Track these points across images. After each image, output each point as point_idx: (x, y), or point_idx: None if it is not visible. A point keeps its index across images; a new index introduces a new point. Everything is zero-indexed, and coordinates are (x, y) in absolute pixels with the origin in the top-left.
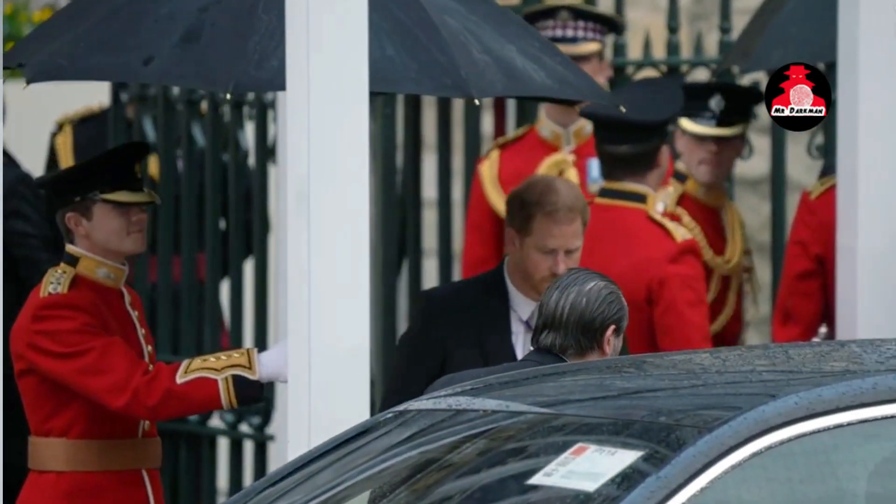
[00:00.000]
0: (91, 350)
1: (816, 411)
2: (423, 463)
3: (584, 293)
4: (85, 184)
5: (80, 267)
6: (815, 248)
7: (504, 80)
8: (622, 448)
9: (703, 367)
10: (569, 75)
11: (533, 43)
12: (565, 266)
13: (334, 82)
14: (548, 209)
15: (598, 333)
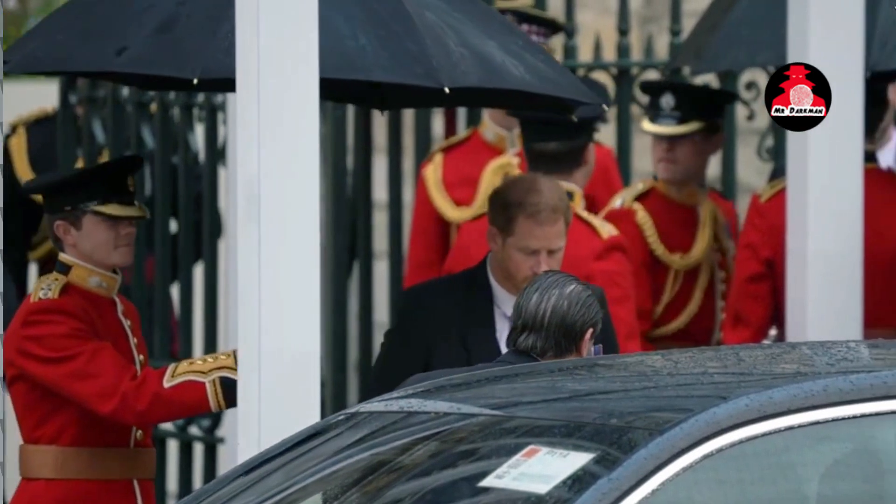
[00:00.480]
0: (80, 354)
1: (767, 413)
2: (374, 465)
3: (565, 296)
4: (77, 194)
5: (72, 275)
6: (764, 252)
7: (480, 72)
8: (574, 450)
9: (655, 369)
10: (550, 72)
11: (515, 41)
12: (547, 266)
13: (285, 85)
14: (530, 210)
15: (578, 336)
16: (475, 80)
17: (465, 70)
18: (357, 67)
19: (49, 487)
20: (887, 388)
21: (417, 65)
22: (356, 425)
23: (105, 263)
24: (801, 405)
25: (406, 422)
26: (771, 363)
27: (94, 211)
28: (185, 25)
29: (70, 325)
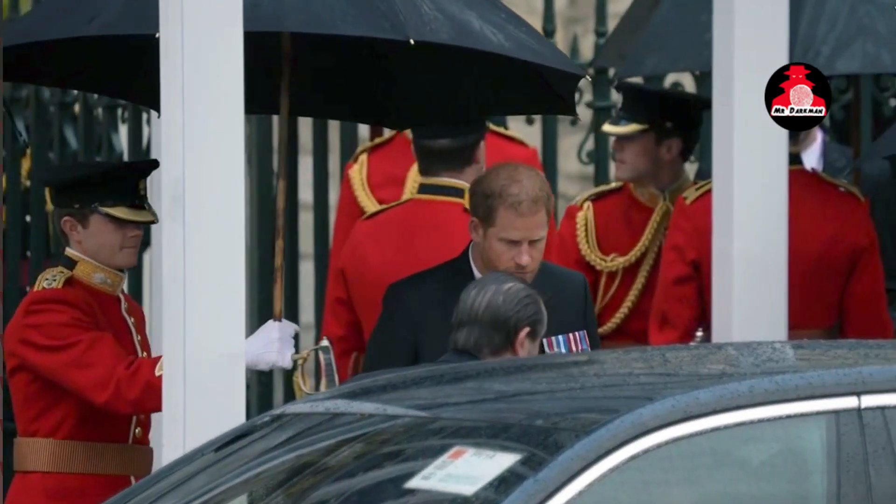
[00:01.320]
0: (79, 343)
1: (693, 414)
2: (299, 467)
3: (501, 291)
4: (88, 193)
5: (77, 270)
6: (690, 254)
7: (453, 33)
8: (500, 451)
9: (581, 370)
10: (531, 42)
11: (498, 14)
12: (529, 257)
13: (209, 86)
14: (510, 201)
15: (511, 333)
16: (445, 37)
17: (434, 28)
18: (323, 22)
19: (45, 480)
20: (812, 389)
21: (384, 19)
22: (282, 427)
23: (109, 264)
24: (726, 406)
25: (332, 423)
26: (697, 364)
27: (103, 212)
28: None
29: (71, 315)
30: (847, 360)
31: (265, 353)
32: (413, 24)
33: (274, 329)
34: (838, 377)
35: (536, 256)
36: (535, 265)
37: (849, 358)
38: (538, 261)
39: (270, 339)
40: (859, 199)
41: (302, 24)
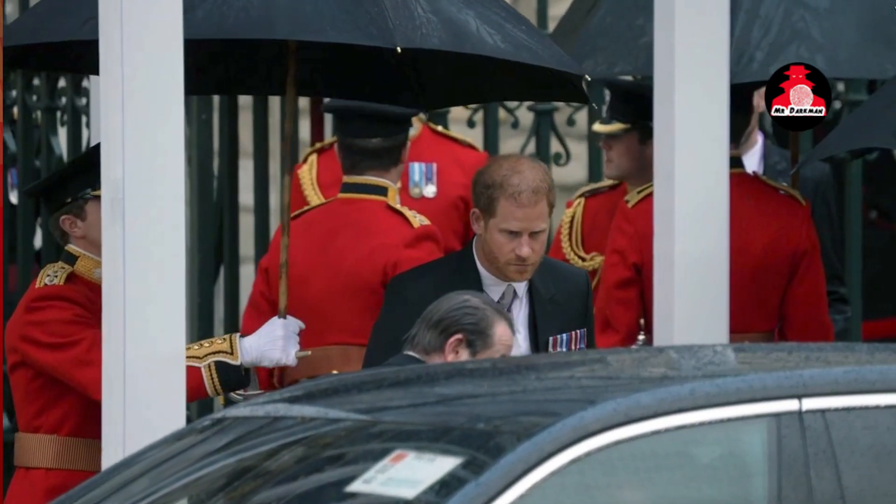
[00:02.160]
0: (82, 340)
1: (635, 417)
2: (240, 470)
3: (452, 297)
4: (74, 184)
5: (78, 265)
6: (632, 257)
7: (445, 36)
8: (441, 455)
9: (523, 373)
10: (531, 42)
11: (498, 11)
12: (529, 248)
13: (149, 87)
14: (510, 191)
15: (443, 336)
16: (436, 42)
17: (426, 33)
18: (312, 29)
19: (48, 477)
20: (753, 392)
21: (372, 25)
22: (222, 430)
23: None
24: (667, 409)
25: (272, 427)
26: (638, 367)
27: (96, 196)
28: None
29: (73, 311)
30: (788, 363)
31: (269, 350)
32: (402, 30)
33: (278, 326)
34: (779, 380)
35: (538, 249)
36: (536, 257)
37: (790, 361)
38: (540, 253)
39: (275, 337)
40: (800, 202)
41: (290, 32)
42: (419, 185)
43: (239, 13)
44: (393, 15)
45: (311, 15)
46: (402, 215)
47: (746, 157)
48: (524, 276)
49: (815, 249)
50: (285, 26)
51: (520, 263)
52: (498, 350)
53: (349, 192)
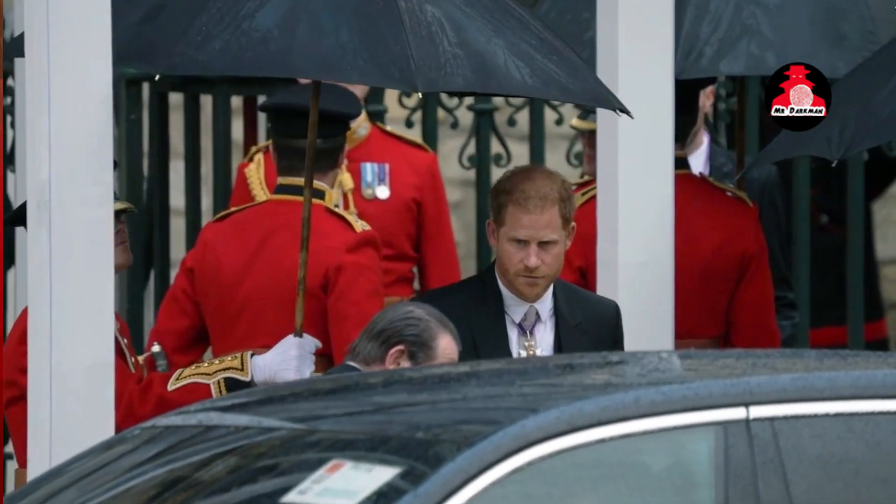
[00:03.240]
0: None
1: (578, 426)
2: (170, 481)
3: (396, 307)
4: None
5: None
6: (577, 261)
7: (471, 75)
8: (379, 465)
9: (464, 380)
10: (561, 75)
11: (528, 40)
12: (537, 259)
13: (75, 87)
14: (517, 197)
15: (384, 346)
16: (460, 83)
17: (450, 72)
18: (332, 68)
19: None
20: (699, 400)
21: (394, 66)
22: (152, 440)
23: None
24: (611, 417)
25: (204, 436)
26: (581, 374)
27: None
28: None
29: None
30: (735, 370)
31: (282, 370)
32: (425, 70)
33: (292, 345)
34: (726, 388)
35: (549, 261)
36: (547, 270)
37: (737, 368)
38: (552, 266)
39: (288, 356)
40: (748, 204)
41: (308, 71)
42: (372, 186)
43: (257, 46)
44: (416, 53)
45: (332, 50)
46: (343, 219)
47: (692, 157)
48: (534, 291)
49: (763, 253)
50: (305, 64)
51: (528, 275)
52: (441, 363)
53: (284, 193)
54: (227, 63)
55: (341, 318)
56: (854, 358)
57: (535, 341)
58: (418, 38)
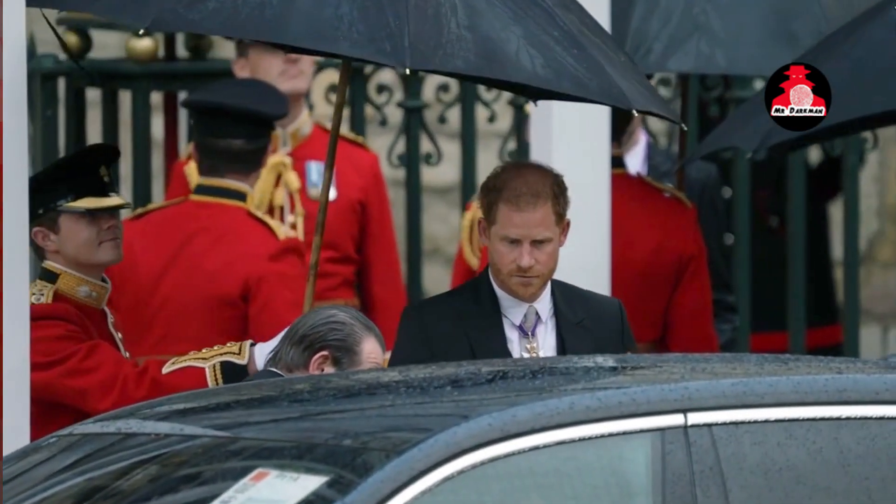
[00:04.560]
0: (74, 354)
1: (511, 433)
2: (88, 490)
3: (318, 311)
4: (46, 194)
5: (61, 284)
6: None
7: (473, 58)
8: (305, 473)
9: (391, 386)
10: (579, 69)
11: (550, 31)
12: (531, 258)
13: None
14: (507, 195)
15: (308, 352)
16: (460, 64)
17: (450, 52)
18: (325, 38)
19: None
20: (636, 406)
21: (388, 41)
22: (69, 448)
23: (91, 263)
24: (545, 424)
25: (124, 444)
26: (514, 379)
27: (68, 209)
28: None
29: (65, 328)
30: (672, 375)
31: None
32: (420, 48)
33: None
34: (663, 393)
35: (543, 260)
36: (542, 269)
37: (674, 373)
38: (547, 265)
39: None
40: (686, 205)
41: (301, 38)
42: (317, 186)
43: (253, 10)
44: (414, 29)
45: (329, 20)
46: (266, 225)
47: (629, 156)
48: (529, 291)
49: (702, 255)
50: (298, 31)
51: (522, 275)
52: (366, 367)
53: (205, 194)
54: (218, 24)
55: (262, 330)
56: (795, 362)
57: (538, 343)
58: (421, 16)
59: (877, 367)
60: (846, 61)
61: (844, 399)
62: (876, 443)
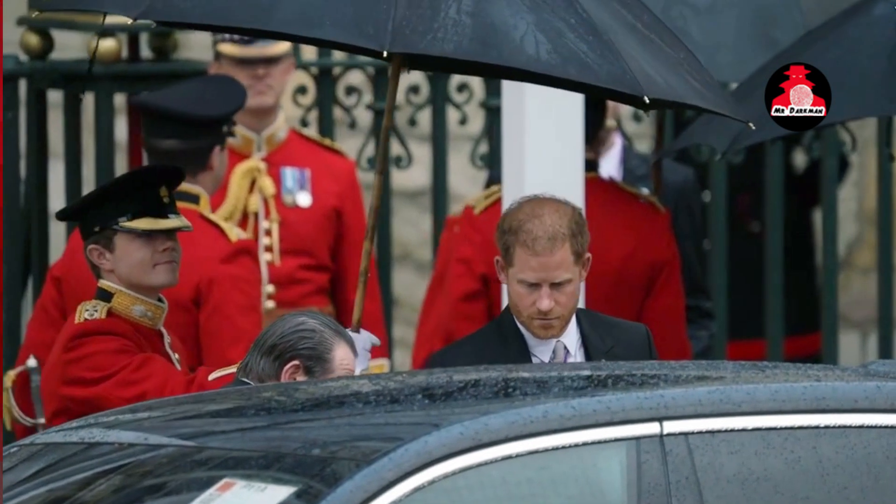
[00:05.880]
0: (125, 367)
1: (483, 442)
2: (50, 501)
3: (286, 319)
4: (104, 212)
5: (115, 303)
6: (479, 267)
7: (467, 43)
8: (273, 483)
9: (361, 394)
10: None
11: (567, 18)
12: (551, 301)
13: None
14: (523, 238)
15: (278, 362)
16: (449, 48)
17: (441, 37)
18: (313, 24)
19: None
20: (611, 414)
21: (371, 24)
22: (31, 458)
23: (145, 286)
24: (518, 433)
25: (87, 454)
26: (487, 388)
27: (124, 228)
28: None
29: (119, 343)
30: (648, 382)
31: None
32: (406, 32)
33: None
34: (639, 401)
35: (563, 301)
36: (562, 310)
37: (650, 381)
38: (567, 306)
39: None
40: (659, 209)
41: (287, 24)
42: (292, 193)
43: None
44: (401, 13)
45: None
46: (218, 227)
47: (604, 160)
48: (550, 333)
49: (675, 261)
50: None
51: (542, 318)
52: (338, 374)
53: None
54: (206, 12)
55: (214, 335)
56: (773, 370)
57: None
58: (414, 1)
59: (856, 375)
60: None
61: (823, 407)
62: (855, 452)
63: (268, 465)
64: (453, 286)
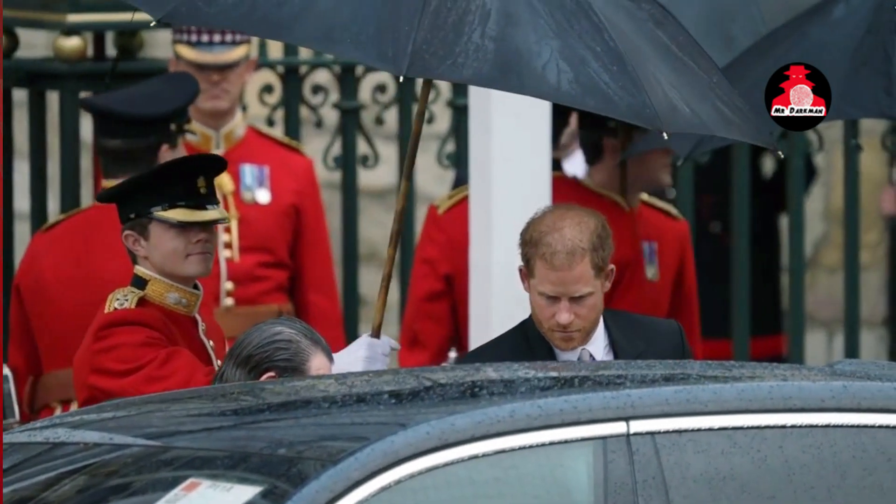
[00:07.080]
0: (152, 361)
1: (450, 441)
2: (15, 502)
3: (262, 329)
4: (140, 200)
5: (149, 290)
6: (443, 267)
7: (488, 68)
8: (238, 483)
9: (327, 394)
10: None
11: (593, 46)
12: (570, 315)
13: None
14: (543, 251)
15: (253, 373)
16: (468, 74)
17: (461, 63)
18: (334, 40)
19: None
20: (578, 414)
21: (392, 46)
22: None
23: (177, 275)
24: (485, 432)
25: (51, 454)
26: (452, 387)
27: (159, 217)
28: None
29: (146, 334)
30: (615, 382)
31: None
32: (424, 55)
33: (363, 345)
34: (605, 401)
35: (583, 314)
36: (583, 323)
37: (617, 380)
38: (588, 319)
39: (357, 357)
40: (624, 209)
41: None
42: (251, 189)
43: (272, 7)
44: (423, 36)
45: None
46: None
47: (571, 160)
48: (570, 345)
49: (640, 260)
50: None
51: (562, 331)
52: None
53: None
54: (233, 20)
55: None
56: (740, 369)
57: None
58: (437, 23)
59: (822, 375)
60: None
61: (790, 407)
62: (821, 451)
63: (234, 465)
64: (417, 286)
